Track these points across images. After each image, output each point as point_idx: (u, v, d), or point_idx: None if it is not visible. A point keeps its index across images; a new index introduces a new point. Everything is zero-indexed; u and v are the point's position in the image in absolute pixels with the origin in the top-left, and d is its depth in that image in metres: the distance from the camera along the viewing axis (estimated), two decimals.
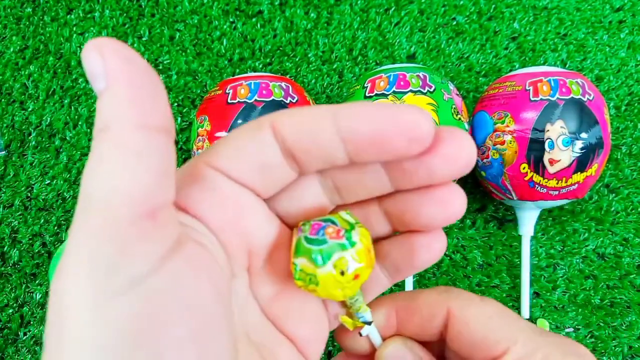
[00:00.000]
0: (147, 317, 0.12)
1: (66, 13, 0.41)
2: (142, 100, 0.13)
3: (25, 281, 0.37)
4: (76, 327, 0.12)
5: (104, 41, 0.12)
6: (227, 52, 0.41)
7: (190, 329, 0.13)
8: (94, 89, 0.13)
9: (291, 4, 0.41)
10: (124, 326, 0.12)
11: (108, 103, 0.13)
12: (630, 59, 0.41)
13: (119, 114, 0.12)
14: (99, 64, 0.12)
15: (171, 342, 0.13)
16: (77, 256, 0.12)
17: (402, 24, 0.41)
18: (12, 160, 0.39)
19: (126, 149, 0.12)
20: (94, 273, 0.12)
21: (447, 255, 0.37)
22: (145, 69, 0.13)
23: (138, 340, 0.12)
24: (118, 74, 0.12)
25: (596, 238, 0.38)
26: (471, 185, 0.38)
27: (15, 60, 0.40)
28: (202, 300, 0.14)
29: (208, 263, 0.15)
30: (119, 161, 0.12)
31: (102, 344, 0.12)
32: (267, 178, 0.16)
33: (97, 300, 0.12)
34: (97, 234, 0.12)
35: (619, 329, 0.36)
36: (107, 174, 0.12)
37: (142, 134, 0.13)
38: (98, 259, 0.12)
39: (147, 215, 0.13)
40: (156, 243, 0.13)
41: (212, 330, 0.14)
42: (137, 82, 0.13)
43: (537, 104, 0.31)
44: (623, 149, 0.39)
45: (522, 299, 0.35)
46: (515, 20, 0.41)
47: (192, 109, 0.40)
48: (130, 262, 0.12)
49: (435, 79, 0.31)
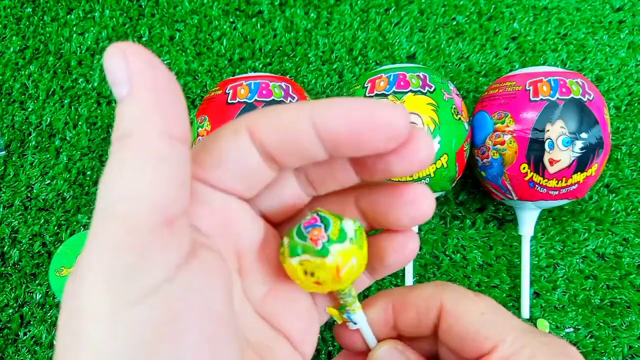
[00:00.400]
0: (164, 324, 0.12)
1: (66, 13, 0.41)
2: (165, 108, 0.13)
3: (25, 281, 0.37)
4: (94, 334, 0.12)
5: (126, 45, 0.12)
6: (227, 52, 0.41)
7: (205, 335, 0.13)
8: (115, 95, 0.13)
9: (291, 4, 0.41)
10: (141, 333, 0.12)
11: (130, 109, 0.12)
12: (630, 59, 0.41)
13: (143, 120, 0.12)
14: (122, 69, 0.12)
15: (187, 348, 0.13)
16: (96, 262, 0.12)
17: (402, 24, 0.41)
18: (12, 160, 0.39)
19: (149, 156, 0.12)
20: (112, 280, 0.12)
21: (447, 255, 0.37)
22: (168, 76, 0.13)
23: (154, 347, 0.12)
24: (142, 79, 0.12)
25: (596, 238, 0.38)
26: (471, 185, 0.38)
27: (15, 60, 0.40)
28: (215, 305, 0.14)
29: (220, 269, 0.15)
30: (141, 168, 0.12)
31: (119, 351, 0.12)
32: (249, 181, 0.16)
33: (115, 307, 0.12)
34: (117, 241, 0.12)
35: (619, 329, 0.36)
36: (128, 180, 0.12)
37: (165, 142, 0.13)
38: (117, 265, 0.12)
39: (167, 223, 0.13)
40: (174, 251, 0.13)
41: (224, 334, 0.14)
42: (161, 89, 0.13)
43: (537, 104, 0.31)
44: (623, 149, 0.39)
45: (522, 299, 0.35)
46: (515, 20, 0.41)
47: (192, 109, 0.40)
48: (149, 269, 0.12)
49: (435, 79, 0.31)
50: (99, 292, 0.12)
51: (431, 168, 0.31)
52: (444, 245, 0.38)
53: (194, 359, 0.13)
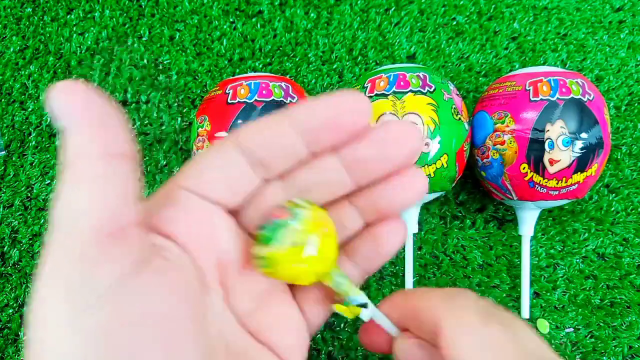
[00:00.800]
0: (115, 329, 0.13)
1: (66, 13, 0.41)
2: (101, 134, 0.14)
3: (25, 281, 0.37)
4: (53, 341, 0.13)
5: (64, 85, 0.14)
6: (227, 52, 0.41)
7: (156, 338, 0.14)
8: (61, 128, 0.14)
9: (291, 4, 0.41)
10: (94, 338, 0.13)
11: (70, 140, 0.14)
12: (630, 59, 0.41)
13: (80, 147, 0.14)
14: (61, 107, 0.14)
15: (139, 351, 0.14)
16: (51, 276, 0.13)
17: (402, 24, 0.41)
18: (12, 160, 0.39)
19: (87, 178, 0.14)
20: (67, 289, 0.13)
21: (447, 255, 0.37)
22: (103, 105, 0.14)
23: (108, 351, 0.13)
24: (78, 112, 0.14)
25: (596, 238, 0.38)
26: (471, 185, 0.38)
27: (15, 60, 0.40)
28: (167, 310, 0.15)
29: (174, 277, 0.16)
30: (82, 187, 0.14)
31: (78, 354, 0.13)
32: (233, 187, 0.18)
33: (70, 314, 0.13)
34: (66, 254, 0.13)
35: (619, 329, 0.36)
36: (71, 201, 0.14)
37: (103, 161, 0.14)
38: (69, 276, 0.13)
39: (112, 235, 0.14)
40: (120, 260, 0.14)
41: (179, 338, 0.15)
42: (96, 119, 0.14)
43: (537, 104, 0.31)
44: (623, 149, 0.39)
45: (522, 299, 0.35)
46: (515, 20, 0.41)
47: (192, 109, 0.40)
48: (96, 278, 0.13)
49: (435, 79, 0.31)
50: (54, 302, 0.13)
51: (431, 168, 0.31)
52: (444, 245, 0.38)
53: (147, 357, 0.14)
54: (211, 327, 0.17)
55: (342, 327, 0.36)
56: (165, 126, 0.39)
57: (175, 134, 0.39)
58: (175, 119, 0.39)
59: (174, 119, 0.39)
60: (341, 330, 0.36)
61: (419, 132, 0.19)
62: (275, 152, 0.18)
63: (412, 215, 0.34)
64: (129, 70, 0.40)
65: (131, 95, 0.40)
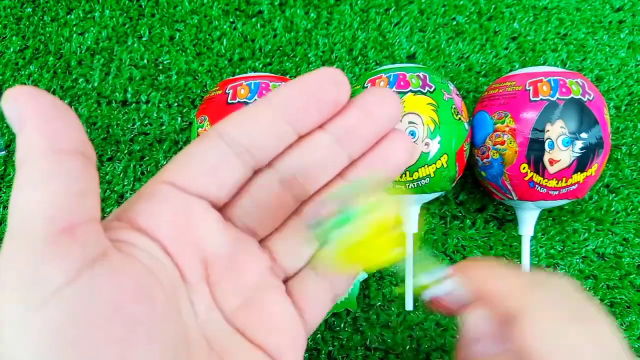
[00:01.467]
0: (68, 327, 0.13)
1: (66, 13, 0.41)
2: (50, 133, 0.14)
3: None
4: (10, 341, 0.13)
5: (13, 90, 0.14)
6: (227, 52, 0.41)
7: (112, 335, 0.14)
8: (15, 132, 0.15)
9: (291, 4, 0.41)
10: (49, 336, 0.13)
11: (22, 142, 0.14)
12: (630, 59, 0.41)
13: (29, 146, 0.14)
14: (12, 110, 0.14)
15: (93, 348, 0.13)
16: (5, 275, 0.13)
17: (402, 24, 0.41)
18: (12, 160, 0.39)
19: (36, 176, 0.14)
20: (19, 288, 0.13)
21: (447, 255, 0.37)
22: (51, 103, 0.14)
23: (62, 349, 0.13)
24: (27, 113, 0.14)
25: (596, 238, 0.38)
26: (471, 185, 0.38)
27: (15, 60, 0.40)
28: (127, 307, 0.14)
29: (135, 273, 0.15)
30: (32, 185, 0.14)
31: (35, 352, 0.13)
32: (218, 180, 0.18)
33: (25, 313, 0.13)
34: (18, 253, 0.13)
35: (619, 329, 0.36)
36: (22, 200, 0.14)
37: (51, 158, 0.14)
38: (21, 275, 0.13)
39: (64, 232, 0.14)
40: (73, 256, 0.14)
41: (138, 336, 0.14)
42: (43, 117, 0.14)
43: (537, 104, 0.31)
44: (623, 149, 0.39)
45: None
46: (515, 20, 0.41)
47: (192, 109, 0.40)
48: (48, 275, 0.13)
49: (435, 79, 0.31)
50: (8, 302, 0.13)
51: (431, 168, 0.31)
52: (444, 245, 0.38)
53: (103, 353, 0.13)
54: (187, 324, 0.16)
55: (342, 327, 0.36)
56: (165, 126, 0.39)
57: (175, 134, 0.39)
58: (175, 119, 0.39)
59: (174, 119, 0.39)
60: (341, 330, 0.36)
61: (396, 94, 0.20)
62: (260, 139, 0.18)
63: (412, 215, 0.34)
64: (129, 70, 0.40)
65: (131, 95, 0.40)
